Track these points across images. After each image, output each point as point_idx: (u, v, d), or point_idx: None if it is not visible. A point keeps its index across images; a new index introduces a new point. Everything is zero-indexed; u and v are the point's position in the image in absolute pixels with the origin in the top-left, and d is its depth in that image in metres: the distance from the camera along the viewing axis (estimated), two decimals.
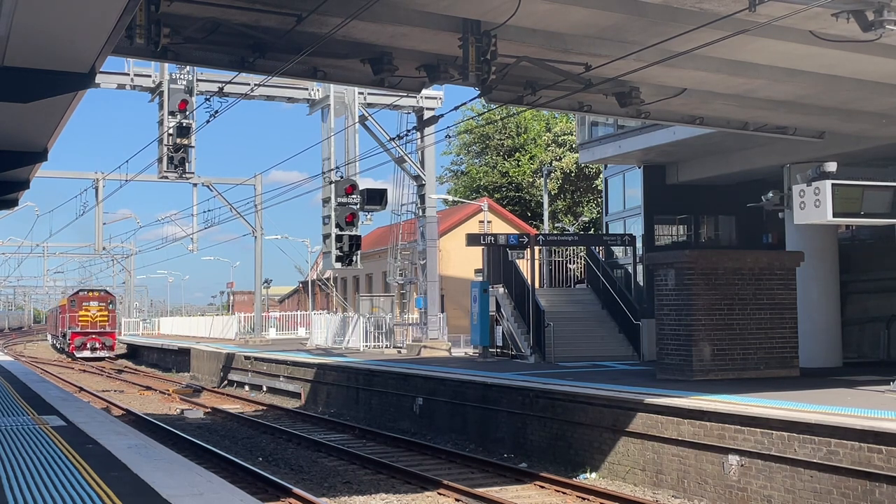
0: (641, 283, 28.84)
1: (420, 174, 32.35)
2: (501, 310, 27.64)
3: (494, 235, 29.19)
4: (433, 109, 31.31)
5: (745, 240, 28.98)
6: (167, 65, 25.08)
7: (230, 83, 23.71)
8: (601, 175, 36.52)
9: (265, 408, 27.56)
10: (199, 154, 55.38)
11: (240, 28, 13.48)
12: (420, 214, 32.34)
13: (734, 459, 13.71)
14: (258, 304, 49.25)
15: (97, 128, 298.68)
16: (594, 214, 54.33)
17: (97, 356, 56.75)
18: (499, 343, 27.51)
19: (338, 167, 27.56)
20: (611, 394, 16.43)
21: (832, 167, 15.09)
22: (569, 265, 32.68)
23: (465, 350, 31.40)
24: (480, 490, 14.36)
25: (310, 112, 31.00)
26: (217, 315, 74.81)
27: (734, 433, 13.74)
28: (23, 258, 77.76)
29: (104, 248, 55.59)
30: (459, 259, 46.01)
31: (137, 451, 11.14)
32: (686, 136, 24.44)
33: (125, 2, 7.60)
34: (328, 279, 58.22)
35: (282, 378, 30.73)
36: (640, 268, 28.72)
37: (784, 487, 13.02)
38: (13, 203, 19.36)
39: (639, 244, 29.09)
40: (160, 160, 24.26)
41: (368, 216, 27.75)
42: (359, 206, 26.17)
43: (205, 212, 45.32)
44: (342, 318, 38.42)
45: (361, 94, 30.05)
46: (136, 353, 59.72)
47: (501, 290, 28.15)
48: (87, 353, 56.72)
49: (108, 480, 9.28)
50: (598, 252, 30.27)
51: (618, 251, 31.17)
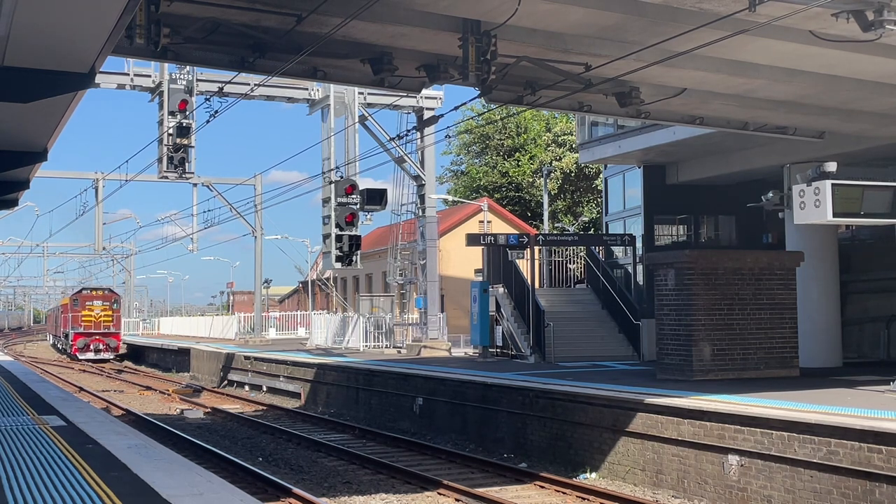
0: (641, 283, 28.83)
1: (420, 174, 32.34)
2: (501, 310, 27.63)
3: (494, 235, 29.18)
4: (433, 109, 31.30)
5: (745, 240, 28.96)
6: (167, 65, 25.08)
7: (230, 83, 23.72)
8: (601, 175, 36.53)
9: (265, 408, 27.56)
10: (199, 154, 55.48)
11: (240, 28, 13.48)
12: (420, 214, 32.34)
13: (734, 459, 13.71)
14: (258, 304, 49.24)
15: (97, 128, 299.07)
16: (594, 214, 54.33)
17: (101, 358, 53.76)
18: (499, 343, 27.50)
19: (338, 167, 27.57)
20: (611, 394, 16.43)
21: (832, 167, 15.09)
22: (569, 265, 32.68)
23: (465, 350, 31.39)
24: (480, 490, 14.36)
25: (310, 112, 31.01)
26: (217, 315, 74.75)
27: (734, 433, 13.74)
28: (23, 258, 77.83)
29: (104, 248, 55.23)
30: (459, 259, 46.00)
31: (137, 451, 11.13)
32: (686, 136, 24.44)
33: (125, 2, 7.60)
34: (328, 279, 58.18)
35: (282, 378, 30.73)
36: (640, 268, 28.71)
37: (784, 487, 13.02)
38: (13, 203, 19.36)
39: (639, 244, 29.07)
40: (160, 160, 24.27)
41: (368, 216, 27.76)
42: (359, 206, 26.17)
43: (205, 212, 45.40)
44: (342, 318, 38.41)
45: (361, 94, 30.05)
46: (136, 354, 59.13)
47: (501, 290, 28.14)
48: (91, 355, 53.82)
49: (108, 480, 9.27)
50: (598, 252, 30.26)
51: (618, 251, 31.16)
